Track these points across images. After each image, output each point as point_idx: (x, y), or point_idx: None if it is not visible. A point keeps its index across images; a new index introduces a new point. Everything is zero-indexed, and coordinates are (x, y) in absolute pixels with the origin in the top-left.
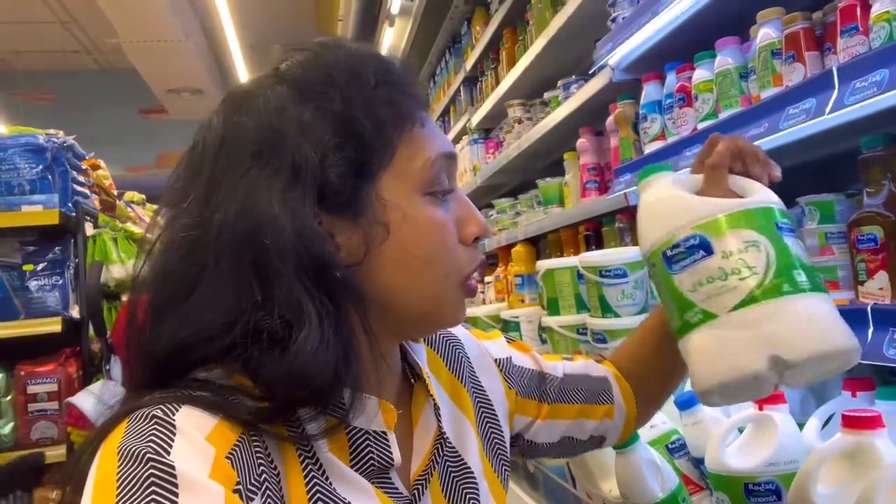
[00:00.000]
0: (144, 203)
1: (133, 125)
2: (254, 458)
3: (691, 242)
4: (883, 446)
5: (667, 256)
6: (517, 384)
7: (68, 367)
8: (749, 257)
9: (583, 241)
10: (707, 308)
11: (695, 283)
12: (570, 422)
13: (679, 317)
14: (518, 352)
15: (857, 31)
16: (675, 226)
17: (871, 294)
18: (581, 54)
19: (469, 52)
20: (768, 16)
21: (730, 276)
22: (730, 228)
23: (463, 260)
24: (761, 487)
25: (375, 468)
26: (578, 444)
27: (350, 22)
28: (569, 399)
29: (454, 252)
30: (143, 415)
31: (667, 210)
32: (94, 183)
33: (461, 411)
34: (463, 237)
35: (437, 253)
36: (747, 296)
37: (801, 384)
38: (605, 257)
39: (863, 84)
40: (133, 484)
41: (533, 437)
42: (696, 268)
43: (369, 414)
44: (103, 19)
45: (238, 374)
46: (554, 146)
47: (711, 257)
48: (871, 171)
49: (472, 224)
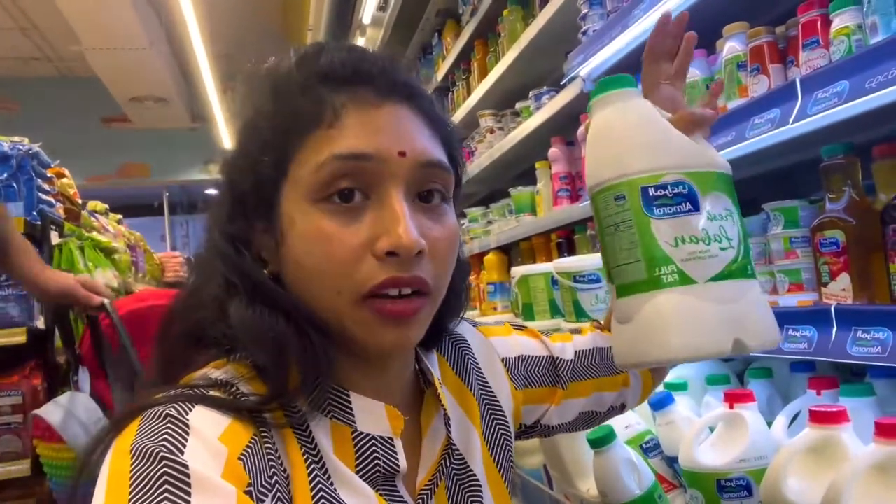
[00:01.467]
0: (107, 212)
1: (95, 134)
2: (265, 459)
3: (680, 189)
4: (848, 440)
5: (648, 195)
6: (527, 378)
7: (33, 379)
8: (728, 227)
9: (555, 248)
10: (686, 271)
11: (676, 237)
12: (587, 398)
13: (647, 269)
14: (529, 340)
15: (818, 44)
16: (663, 163)
17: (834, 295)
18: (551, 66)
19: (440, 62)
20: (734, 30)
21: (712, 241)
22: (717, 189)
23: (363, 275)
24: (733, 483)
25: (381, 475)
26: (599, 416)
27: (321, 31)
28: (583, 376)
29: (349, 266)
30: (156, 413)
31: (655, 139)
32: (58, 191)
33: (467, 417)
34: (374, 250)
35: (321, 266)
36: (725, 268)
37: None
38: (580, 263)
39: (825, 94)
40: (146, 482)
41: (549, 420)
42: (680, 220)
43: (376, 419)
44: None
45: (236, 364)
46: (525, 155)
47: (697, 215)
48: (832, 178)
49: (386, 236)
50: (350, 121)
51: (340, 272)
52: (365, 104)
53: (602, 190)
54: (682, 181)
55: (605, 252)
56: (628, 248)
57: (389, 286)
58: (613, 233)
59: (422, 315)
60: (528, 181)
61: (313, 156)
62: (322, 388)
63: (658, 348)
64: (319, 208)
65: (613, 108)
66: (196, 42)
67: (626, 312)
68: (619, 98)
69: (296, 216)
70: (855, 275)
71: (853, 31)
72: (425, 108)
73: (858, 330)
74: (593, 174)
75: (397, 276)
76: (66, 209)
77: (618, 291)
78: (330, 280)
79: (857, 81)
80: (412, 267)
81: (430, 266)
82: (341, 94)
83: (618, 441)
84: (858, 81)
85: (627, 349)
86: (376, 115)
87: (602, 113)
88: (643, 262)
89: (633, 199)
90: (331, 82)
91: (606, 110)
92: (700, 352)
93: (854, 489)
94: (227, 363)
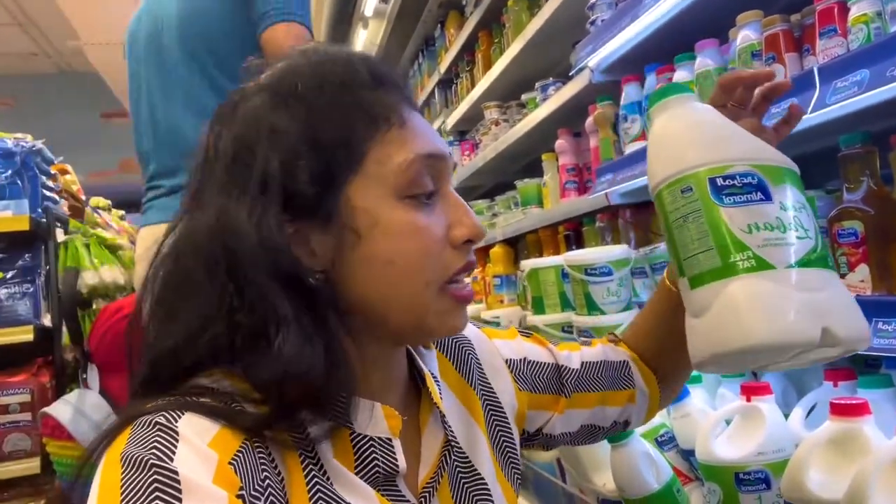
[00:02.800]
0: (110, 208)
1: (95, 129)
2: (257, 463)
3: (749, 180)
4: (870, 432)
5: (717, 185)
6: (532, 382)
7: (41, 377)
8: (803, 218)
9: (563, 240)
10: (763, 256)
11: (750, 225)
12: (590, 411)
13: (721, 256)
14: (534, 346)
15: (835, 32)
16: (731, 155)
17: (852, 286)
18: (557, 57)
19: (443, 54)
20: (748, 18)
21: (788, 230)
22: (787, 182)
23: (445, 263)
24: (751, 476)
25: (381, 475)
26: (602, 431)
27: (322, 24)
28: (588, 388)
29: (437, 258)
30: (146, 422)
31: (719, 134)
32: (62, 188)
33: (471, 415)
34: (451, 240)
35: (413, 260)
36: (805, 256)
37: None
38: (591, 256)
39: (844, 84)
40: (137, 490)
41: (551, 429)
42: (752, 208)
43: (374, 420)
44: (63, 21)
45: (238, 379)
46: (531, 147)
47: (770, 203)
48: (850, 168)
49: (461, 226)
50: (412, 123)
51: (432, 263)
52: (410, 107)
53: (667, 185)
54: (750, 172)
55: (673, 247)
56: (699, 238)
57: (466, 270)
58: (682, 225)
59: None
60: (534, 173)
61: (395, 154)
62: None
63: (739, 334)
64: (406, 204)
65: (673, 111)
66: None
67: (701, 304)
68: (678, 103)
69: (379, 212)
70: (874, 265)
71: (872, 18)
72: None
73: (879, 321)
74: (656, 173)
75: (472, 261)
76: (70, 206)
77: (690, 283)
78: (422, 273)
79: (878, 70)
80: (472, 253)
81: None
82: (393, 97)
83: (636, 435)
84: (879, 70)
85: (704, 342)
86: (419, 118)
87: (662, 117)
88: (716, 249)
89: (701, 189)
90: (383, 86)
91: (666, 114)
92: (785, 337)
93: (878, 482)
94: (218, 372)
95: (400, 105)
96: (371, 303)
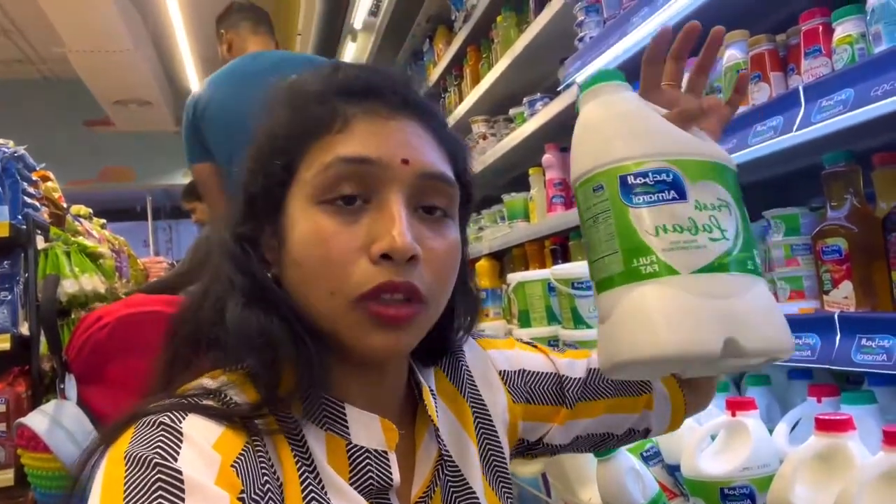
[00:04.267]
0: (91, 217)
1: (77, 137)
2: (258, 467)
3: (663, 178)
4: (855, 448)
5: (627, 183)
6: (529, 393)
7: (17, 387)
8: (722, 218)
9: (549, 255)
10: (668, 261)
11: (658, 226)
12: (595, 419)
13: (625, 260)
14: (533, 355)
15: (820, 53)
16: (646, 150)
17: (836, 303)
18: (545, 72)
19: (431, 68)
20: (734, 37)
21: (700, 231)
22: (706, 178)
23: (357, 278)
24: (736, 492)
25: (375, 487)
26: (614, 439)
27: (310, 37)
28: (595, 396)
29: (342, 267)
30: (149, 422)
31: (638, 128)
32: (43, 195)
33: (463, 428)
34: (369, 253)
35: (317, 266)
36: (715, 260)
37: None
38: (578, 270)
39: (829, 103)
40: (140, 488)
41: (551, 440)
42: (661, 208)
43: (371, 432)
44: (48, 28)
45: (239, 378)
46: (517, 162)
47: (684, 203)
48: (834, 186)
49: (381, 239)
50: (359, 129)
51: (335, 273)
52: (375, 115)
53: (582, 183)
54: (665, 168)
55: (587, 249)
56: (606, 240)
57: (382, 291)
58: (592, 226)
59: (416, 322)
60: (520, 188)
61: (320, 158)
62: (316, 397)
63: (632, 345)
64: (320, 209)
65: (598, 100)
66: (182, 45)
67: (605, 309)
68: (604, 91)
69: (297, 216)
70: (857, 282)
71: (856, 39)
72: (435, 126)
73: (863, 338)
74: (575, 168)
75: (390, 280)
76: (50, 213)
77: (597, 287)
78: (325, 281)
79: (863, 89)
80: (405, 273)
81: (424, 275)
82: (353, 105)
83: (622, 449)
84: (864, 89)
85: (604, 350)
86: (385, 125)
87: (587, 106)
88: (620, 252)
89: (612, 188)
90: (345, 95)
91: (591, 103)
92: (680, 349)
93: (863, 498)
94: (223, 373)
95: (351, 111)
96: (302, 306)
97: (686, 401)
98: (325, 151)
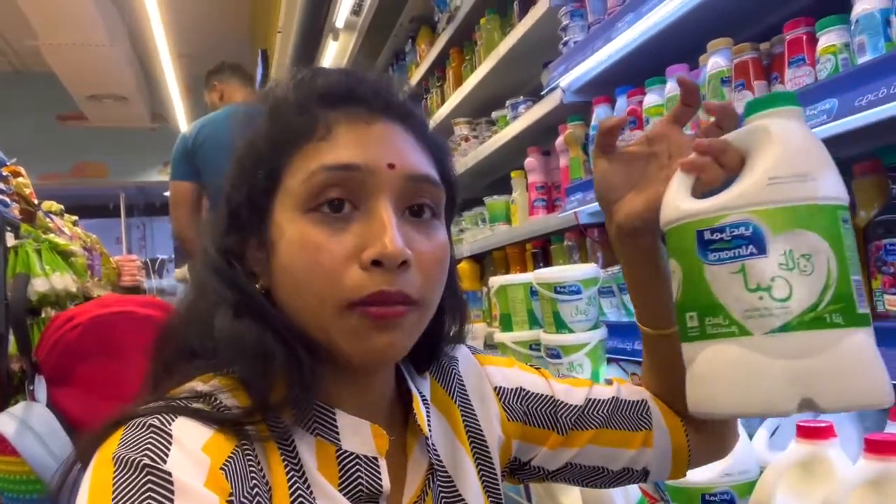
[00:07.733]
0: (63, 213)
1: (50, 131)
2: (247, 471)
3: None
4: (835, 455)
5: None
6: (524, 414)
7: None
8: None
9: (530, 258)
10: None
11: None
12: (585, 449)
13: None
14: (532, 377)
15: (804, 62)
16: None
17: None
18: (528, 76)
19: (413, 69)
20: (718, 45)
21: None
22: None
23: (347, 285)
24: (717, 498)
25: (364, 494)
26: (607, 475)
27: (291, 34)
28: (589, 426)
29: (331, 275)
30: (139, 423)
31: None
32: (14, 191)
33: (455, 436)
34: (360, 259)
35: (307, 275)
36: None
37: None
38: (561, 274)
39: (812, 112)
40: (129, 490)
41: (540, 463)
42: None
43: (361, 438)
44: (20, 20)
45: (227, 379)
46: (499, 165)
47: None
48: None
49: (371, 246)
50: (342, 135)
51: (325, 281)
52: (357, 121)
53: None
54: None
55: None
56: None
57: (375, 301)
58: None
59: (408, 321)
60: (502, 190)
61: (304, 166)
62: (307, 404)
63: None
64: (308, 217)
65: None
66: (159, 41)
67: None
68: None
69: (285, 225)
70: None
71: (840, 49)
72: (418, 129)
73: None
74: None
75: (383, 290)
76: (21, 209)
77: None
78: (314, 289)
79: (847, 100)
80: (397, 280)
81: (416, 279)
82: (335, 111)
83: None
84: (848, 100)
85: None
86: (368, 130)
87: None
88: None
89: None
90: (325, 101)
91: None
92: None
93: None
94: (214, 377)
95: (333, 118)
96: (293, 315)
97: (689, 442)
98: (310, 159)
